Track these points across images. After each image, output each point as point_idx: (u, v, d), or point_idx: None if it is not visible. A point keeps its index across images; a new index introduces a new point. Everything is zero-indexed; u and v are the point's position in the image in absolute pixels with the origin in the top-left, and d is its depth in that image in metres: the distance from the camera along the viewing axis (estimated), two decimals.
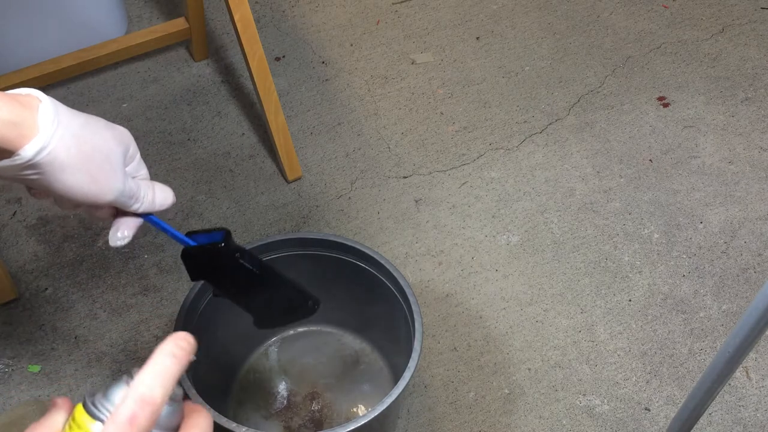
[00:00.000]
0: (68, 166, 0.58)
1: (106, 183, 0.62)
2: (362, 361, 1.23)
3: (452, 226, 1.42)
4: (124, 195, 0.64)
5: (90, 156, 0.60)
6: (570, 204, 1.46)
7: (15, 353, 1.27)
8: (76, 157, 0.59)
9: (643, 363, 1.26)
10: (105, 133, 0.62)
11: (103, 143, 0.62)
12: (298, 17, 1.80)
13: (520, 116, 1.60)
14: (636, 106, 1.62)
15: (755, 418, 1.20)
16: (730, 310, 1.32)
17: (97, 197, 0.62)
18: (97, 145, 0.61)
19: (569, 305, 1.32)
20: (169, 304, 1.32)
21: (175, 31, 1.60)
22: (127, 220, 0.69)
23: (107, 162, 0.62)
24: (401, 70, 1.69)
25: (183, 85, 1.65)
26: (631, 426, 1.19)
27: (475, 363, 1.26)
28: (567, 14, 1.81)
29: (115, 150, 0.63)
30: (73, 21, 1.60)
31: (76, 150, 0.59)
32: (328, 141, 1.55)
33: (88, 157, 0.60)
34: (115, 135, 0.64)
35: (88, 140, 0.60)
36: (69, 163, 0.58)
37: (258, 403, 1.19)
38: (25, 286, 1.35)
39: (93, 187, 0.61)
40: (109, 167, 0.62)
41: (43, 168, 0.57)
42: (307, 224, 1.43)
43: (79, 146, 0.59)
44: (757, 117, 1.60)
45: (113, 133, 0.64)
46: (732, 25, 1.79)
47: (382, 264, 1.07)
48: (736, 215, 1.45)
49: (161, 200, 0.69)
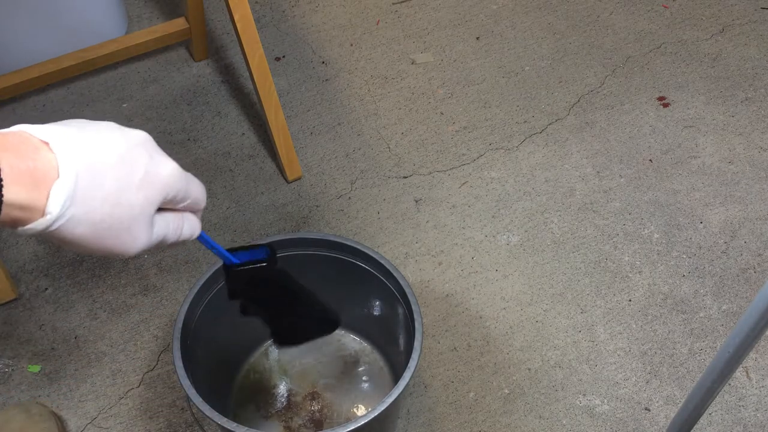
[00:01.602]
0: (81, 239, 0.52)
1: (124, 247, 0.55)
2: (362, 361, 1.23)
3: (452, 226, 1.42)
4: (149, 247, 0.58)
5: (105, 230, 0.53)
6: (570, 204, 1.46)
7: (15, 353, 1.27)
8: (87, 234, 0.52)
9: (643, 363, 1.26)
10: (133, 198, 0.54)
11: (126, 213, 0.54)
12: (298, 17, 1.80)
13: (520, 116, 1.60)
14: (636, 106, 1.62)
15: (755, 418, 1.20)
16: (730, 310, 1.32)
17: (116, 257, 0.56)
18: (119, 217, 0.53)
19: (569, 305, 1.32)
20: (169, 304, 1.32)
21: (175, 31, 1.60)
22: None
23: (128, 230, 0.54)
24: (401, 70, 1.69)
25: (183, 85, 1.65)
26: (631, 426, 1.19)
27: (475, 363, 1.26)
28: (567, 14, 1.81)
29: (141, 215, 0.55)
30: (73, 21, 1.60)
31: (87, 228, 0.52)
32: (328, 141, 1.55)
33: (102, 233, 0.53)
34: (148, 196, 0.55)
35: (108, 213, 0.53)
36: (81, 237, 0.52)
37: (258, 403, 1.19)
38: (25, 286, 1.35)
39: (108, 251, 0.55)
40: (129, 235, 0.55)
41: (54, 238, 0.52)
42: (307, 224, 1.43)
43: (92, 224, 0.52)
44: (757, 117, 1.60)
45: (146, 193, 0.55)
46: (732, 25, 1.79)
47: (382, 264, 1.07)
48: (736, 215, 1.45)
49: (188, 234, 0.62)
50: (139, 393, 1.23)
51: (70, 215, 0.50)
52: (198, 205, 0.62)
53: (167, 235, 0.59)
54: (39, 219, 0.49)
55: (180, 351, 0.98)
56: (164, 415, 1.20)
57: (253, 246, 0.75)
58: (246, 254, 0.74)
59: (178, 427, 1.19)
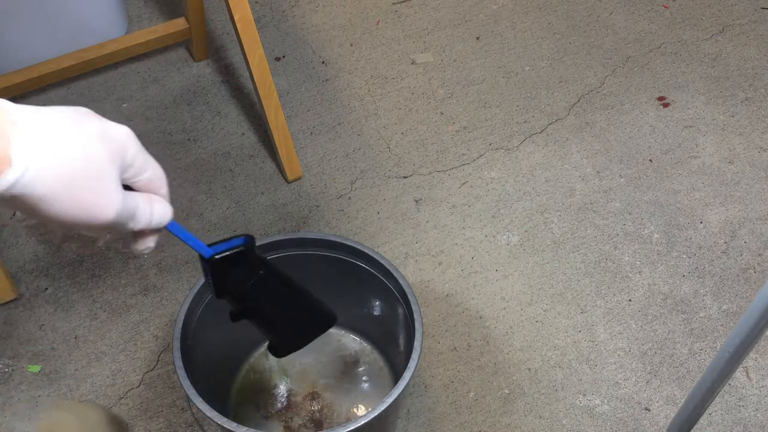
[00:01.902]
0: (50, 196, 0.52)
1: (98, 208, 0.55)
2: (362, 361, 1.23)
3: (452, 226, 1.42)
4: (122, 216, 0.57)
5: (75, 183, 0.53)
6: (570, 204, 1.46)
7: (15, 353, 1.27)
8: (57, 187, 0.52)
9: (643, 363, 1.26)
10: (95, 148, 0.54)
11: (92, 164, 0.54)
12: (298, 17, 1.80)
13: (520, 116, 1.60)
14: (636, 106, 1.62)
15: (755, 418, 1.20)
16: (730, 310, 1.32)
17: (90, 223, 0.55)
18: (84, 169, 0.53)
19: (569, 305, 1.32)
20: (169, 304, 1.32)
21: (175, 31, 1.60)
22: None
23: (98, 185, 0.54)
24: (401, 70, 1.69)
25: (183, 85, 1.65)
26: (631, 426, 1.19)
27: (475, 363, 1.26)
28: (567, 14, 1.81)
29: (108, 168, 0.55)
30: (73, 21, 1.60)
31: (56, 179, 0.52)
32: (328, 141, 1.56)
33: (72, 185, 0.53)
34: (109, 148, 0.55)
35: (72, 164, 0.52)
36: (50, 193, 0.52)
37: (258, 403, 1.19)
38: (25, 286, 1.35)
39: (83, 213, 0.54)
40: (100, 190, 0.54)
41: (20, 200, 0.51)
42: (307, 224, 1.43)
43: (60, 174, 0.52)
44: (757, 117, 1.60)
45: (107, 146, 0.55)
46: (732, 25, 1.79)
47: (382, 264, 1.07)
48: (736, 215, 1.45)
49: (159, 218, 0.62)
50: (139, 393, 1.23)
51: (37, 166, 0.50)
52: (158, 184, 0.61)
53: (138, 211, 0.59)
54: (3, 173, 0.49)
55: (180, 351, 0.98)
56: (164, 415, 1.20)
57: (232, 237, 0.73)
58: (223, 244, 0.71)
59: (178, 427, 1.19)
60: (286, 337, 0.84)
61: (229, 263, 0.71)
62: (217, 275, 0.71)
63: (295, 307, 0.82)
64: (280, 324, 0.82)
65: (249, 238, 0.73)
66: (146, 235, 0.63)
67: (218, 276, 0.72)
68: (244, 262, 0.73)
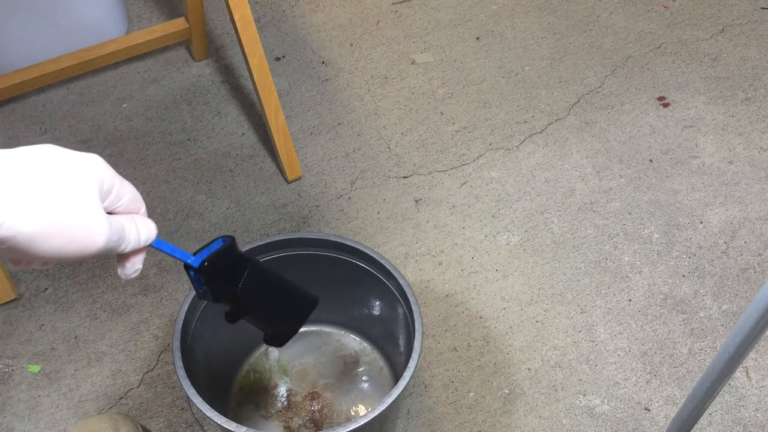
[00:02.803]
0: (36, 236, 0.51)
1: (87, 239, 0.54)
2: (362, 361, 1.23)
3: (452, 226, 1.42)
4: (111, 242, 0.57)
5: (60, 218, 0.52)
6: (570, 204, 1.46)
7: (15, 353, 1.27)
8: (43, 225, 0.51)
9: (643, 363, 1.26)
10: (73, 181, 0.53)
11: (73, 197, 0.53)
12: (298, 17, 1.80)
13: (520, 116, 1.60)
14: (636, 106, 1.62)
15: (755, 418, 1.20)
16: (730, 310, 1.32)
17: (81, 254, 0.55)
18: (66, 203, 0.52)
19: (569, 305, 1.32)
20: (169, 304, 1.32)
21: (175, 31, 1.60)
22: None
23: (83, 216, 0.53)
24: (401, 70, 1.69)
25: (183, 85, 1.65)
26: (631, 426, 1.19)
27: (475, 363, 1.26)
28: (567, 14, 1.81)
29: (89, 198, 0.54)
30: (73, 21, 1.60)
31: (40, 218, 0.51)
32: (328, 141, 1.56)
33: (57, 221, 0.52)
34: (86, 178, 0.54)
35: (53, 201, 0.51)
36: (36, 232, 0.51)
37: (258, 403, 1.19)
38: (25, 286, 1.35)
39: (73, 246, 0.53)
40: (86, 221, 0.54)
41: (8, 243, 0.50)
42: (307, 224, 1.43)
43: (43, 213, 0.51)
44: (757, 117, 1.60)
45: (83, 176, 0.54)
46: (732, 25, 1.79)
47: (382, 264, 1.07)
48: (736, 215, 1.45)
49: (146, 236, 0.62)
50: (139, 393, 1.23)
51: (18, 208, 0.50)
52: (138, 205, 0.61)
53: (125, 233, 0.59)
54: None
55: (180, 351, 0.98)
56: (164, 415, 1.20)
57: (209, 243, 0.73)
58: (206, 251, 0.72)
59: (178, 427, 1.19)
60: (282, 326, 0.85)
61: (218, 265, 0.72)
62: (210, 280, 0.72)
63: (283, 294, 0.83)
64: (273, 314, 0.83)
65: (229, 238, 0.73)
66: (134, 256, 0.63)
67: (211, 280, 0.72)
68: (231, 262, 0.73)
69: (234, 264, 0.74)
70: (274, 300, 0.82)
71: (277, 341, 0.86)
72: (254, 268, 0.76)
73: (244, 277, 0.75)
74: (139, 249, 0.62)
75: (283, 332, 0.86)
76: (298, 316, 0.87)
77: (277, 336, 0.86)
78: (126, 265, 0.63)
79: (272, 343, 0.86)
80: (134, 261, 0.63)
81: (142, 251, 0.63)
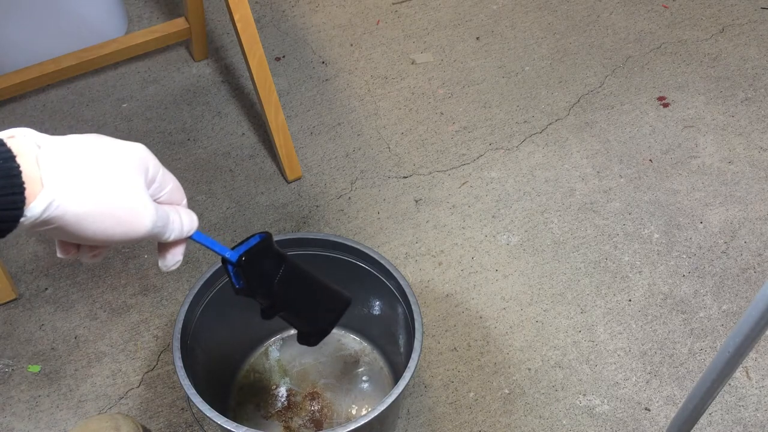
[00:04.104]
0: (85, 215, 0.52)
1: (134, 221, 0.55)
2: (362, 361, 1.23)
3: (452, 226, 1.42)
4: (157, 226, 0.57)
5: (108, 199, 0.53)
6: (570, 204, 1.46)
7: (15, 353, 1.27)
8: (92, 205, 0.52)
9: (643, 363, 1.26)
10: (121, 164, 0.55)
11: (122, 179, 0.54)
12: (298, 17, 1.80)
13: (520, 116, 1.60)
14: (636, 106, 1.62)
15: (755, 418, 1.20)
16: (730, 310, 1.32)
17: (128, 237, 0.55)
18: (114, 181, 0.53)
19: (569, 305, 1.32)
20: (169, 304, 1.32)
21: (175, 31, 1.60)
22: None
23: (131, 198, 0.54)
24: (401, 70, 1.69)
25: (183, 85, 1.65)
26: (631, 426, 1.19)
27: (475, 363, 1.26)
28: (567, 14, 1.81)
29: (136, 179, 0.55)
30: (73, 21, 1.60)
31: (90, 197, 0.52)
32: (328, 141, 1.56)
33: (106, 201, 0.53)
34: (133, 163, 0.56)
35: (101, 178, 0.53)
36: (85, 212, 0.51)
37: (258, 403, 1.19)
38: (25, 286, 1.35)
39: (120, 228, 0.54)
40: (133, 203, 0.55)
41: (57, 222, 0.51)
42: (307, 224, 1.43)
43: (92, 189, 0.52)
44: (757, 117, 1.60)
45: (130, 161, 0.55)
46: (732, 25, 1.79)
47: (382, 264, 1.07)
48: (736, 215, 1.45)
49: (188, 226, 0.62)
50: (139, 393, 1.23)
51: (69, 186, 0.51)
52: (180, 196, 0.62)
53: (170, 222, 0.60)
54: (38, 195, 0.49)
55: (180, 351, 0.98)
56: (164, 415, 1.20)
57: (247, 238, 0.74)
58: (244, 245, 0.73)
59: (178, 427, 1.19)
60: (316, 323, 0.85)
61: (256, 261, 0.73)
62: (247, 275, 0.73)
63: (318, 292, 0.83)
64: (308, 312, 0.83)
65: (266, 234, 0.74)
66: (175, 247, 0.63)
67: (248, 275, 0.73)
68: (267, 258, 0.74)
69: (271, 260, 0.75)
70: (309, 297, 0.82)
71: (311, 340, 0.86)
72: (290, 265, 0.77)
73: (281, 273, 0.76)
74: (180, 240, 0.63)
75: (317, 331, 0.86)
76: (331, 315, 0.87)
77: (311, 334, 0.86)
78: (167, 256, 0.63)
79: (306, 342, 0.86)
80: (175, 252, 0.63)
81: (183, 242, 0.64)
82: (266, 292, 0.76)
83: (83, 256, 0.60)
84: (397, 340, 1.15)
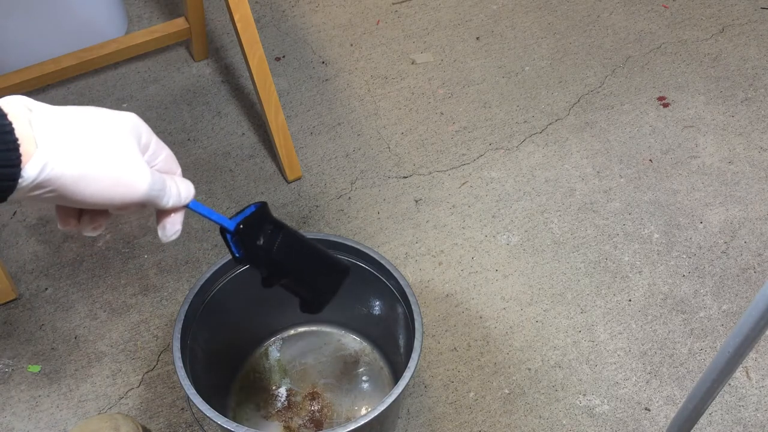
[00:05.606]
0: (81, 176, 0.52)
1: (131, 182, 0.56)
2: (362, 361, 1.23)
3: (452, 226, 1.42)
4: (154, 189, 0.58)
5: (103, 157, 0.54)
6: (570, 204, 1.46)
7: (15, 353, 1.27)
8: (88, 163, 0.53)
9: (643, 363, 1.26)
10: (115, 128, 0.56)
11: (116, 141, 0.55)
12: (298, 17, 1.80)
13: (520, 116, 1.60)
14: (636, 106, 1.62)
15: (755, 418, 1.20)
16: (730, 310, 1.32)
17: (125, 198, 0.56)
18: (108, 143, 0.54)
19: (569, 305, 1.32)
20: (169, 304, 1.32)
21: (175, 31, 1.60)
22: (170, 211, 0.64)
23: (126, 160, 0.55)
24: (401, 70, 1.69)
25: (183, 85, 1.65)
26: (631, 426, 1.19)
27: (475, 363, 1.26)
28: (567, 14, 1.81)
29: (130, 142, 0.56)
30: (73, 21, 1.60)
31: (85, 155, 0.52)
32: (328, 141, 1.56)
33: (102, 162, 0.53)
34: (127, 128, 0.57)
35: (95, 140, 0.54)
36: (81, 172, 0.52)
37: (258, 403, 1.19)
38: (25, 286, 1.35)
39: (118, 189, 0.55)
40: (129, 164, 0.55)
41: (54, 184, 0.51)
42: (307, 224, 1.43)
43: (87, 150, 0.53)
44: (757, 117, 1.60)
45: (124, 126, 0.56)
46: (732, 25, 1.79)
47: (382, 264, 1.07)
48: (736, 215, 1.45)
49: (186, 193, 0.63)
50: (139, 393, 1.23)
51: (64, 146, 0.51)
52: (174, 165, 0.63)
53: (166, 187, 0.60)
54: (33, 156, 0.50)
55: (180, 351, 0.98)
56: (164, 415, 1.20)
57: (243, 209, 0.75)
58: (241, 215, 0.74)
59: (178, 427, 1.19)
60: (317, 290, 0.85)
61: (253, 229, 0.74)
62: (246, 243, 0.73)
63: (317, 260, 0.83)
64: (308, 280, 0.83)
65: (262, 203, 0.75)
66: (173, 215, 0.64)
67: (247, 243, 0.74)
68: (265, 226, 0.75)
69: (268, 228, 0.76)
70: (308, 264, 0.82)
71: (314, 307, 0.86)
72: (288, 233, 0.77)
73: (279, 240, 0.76)
74: (178, 207, 0.63)
75: (319, 298, 0.86)
76: (332, 282, 0.87)
77: (314, 302, 0.86)
78: (166, 225, 0.64)
79: (308, 310, 0.86)
80: (174, 221, 0.64)
81: (181, 210, 0.64)
82: (265, 259, 0.76)
83: (84, 228, 0.60)
84: (397, 340, 1.15)
